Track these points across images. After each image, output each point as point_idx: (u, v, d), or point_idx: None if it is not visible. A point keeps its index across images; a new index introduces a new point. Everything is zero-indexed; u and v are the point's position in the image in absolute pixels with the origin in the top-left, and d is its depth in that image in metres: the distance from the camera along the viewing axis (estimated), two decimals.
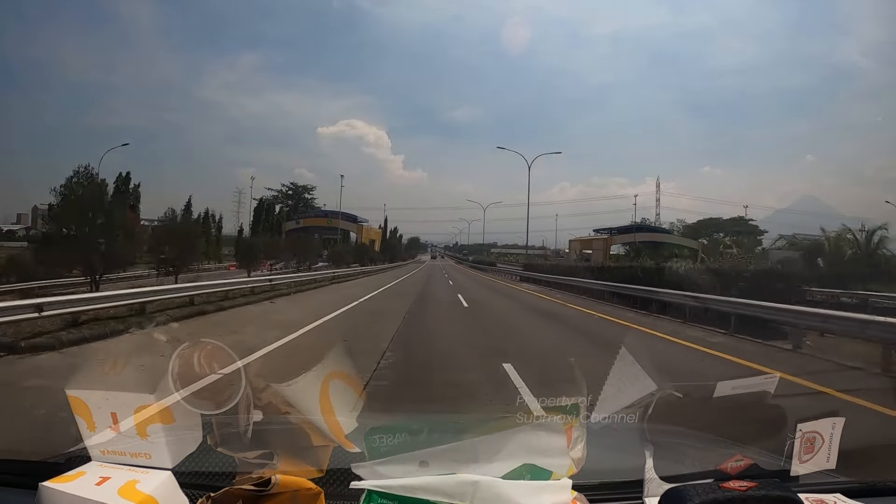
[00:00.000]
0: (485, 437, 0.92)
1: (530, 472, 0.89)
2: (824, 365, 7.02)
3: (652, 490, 0.95)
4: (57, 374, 5.05)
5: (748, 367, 6.55)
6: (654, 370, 1.09)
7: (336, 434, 0.99)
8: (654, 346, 8.17)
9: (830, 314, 8.57)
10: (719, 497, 0.82)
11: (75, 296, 8.99)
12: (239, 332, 8.23)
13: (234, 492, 0.85)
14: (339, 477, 0.95)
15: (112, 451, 1.00)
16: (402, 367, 6.01)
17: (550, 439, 0.92)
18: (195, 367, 1.06)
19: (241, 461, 0.96)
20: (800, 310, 9.13)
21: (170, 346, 1.06)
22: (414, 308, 13.09)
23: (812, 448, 1.06)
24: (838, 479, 1.07)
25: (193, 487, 0.95)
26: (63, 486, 0.87)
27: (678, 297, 12.40)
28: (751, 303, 9.87)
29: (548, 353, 7.26)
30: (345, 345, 1.20)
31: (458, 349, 7.50)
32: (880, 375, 6.50)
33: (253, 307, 12.66)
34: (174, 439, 1.01)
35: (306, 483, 0.88)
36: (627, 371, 1.11)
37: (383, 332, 8.36)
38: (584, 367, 1.09)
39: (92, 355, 6.30)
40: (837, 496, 0.98)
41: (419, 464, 0.89)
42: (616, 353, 1.13)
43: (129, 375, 1.12)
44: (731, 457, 1.03)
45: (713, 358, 7.31)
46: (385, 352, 6.67)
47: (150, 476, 0.94)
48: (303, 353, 6.53)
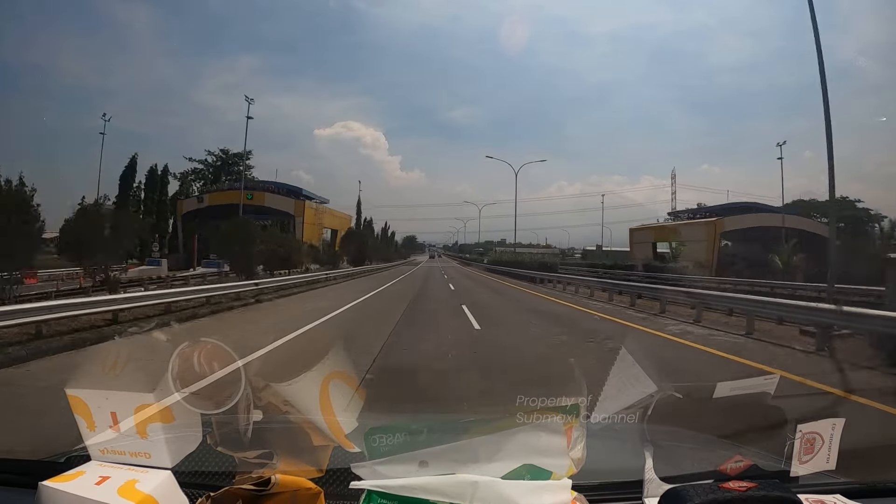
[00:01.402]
0: (485, 437, 0.92)
1: (530, 472, 0.89)
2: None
3: (652, 490, 0.95)
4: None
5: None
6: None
7: (336, 434, 0.99)
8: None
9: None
10: (719, 498, 0.82)
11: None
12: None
13: (233, 491, 0.85)
14: (338, 477, 0.95)
15: (112, 451, 1.00)
16: None
17: (550, 439, 0.92)
18: (195, 366, 1.06)
19: (240, 461, 0.96)
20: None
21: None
22: None
23: (812, 449, 1.06)
24: (838, 479, 1.07)
25: (193, 487, 0.95)
26: (63, 486, 0.88)
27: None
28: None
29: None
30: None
31: None
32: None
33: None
34: (174, 439, 1.01)
35: (306, 483, 0.88)
36: (627, 372, 1.11)
37: None
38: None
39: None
40: (837, 497, 0.98)
41: (419, 464, 0.89)
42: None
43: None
44: (730, 457, 1.03)
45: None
46: None
47: (149, 476, 0.94)
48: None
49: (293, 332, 8.55)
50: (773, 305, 10.17)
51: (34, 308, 7.82)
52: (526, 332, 9.70)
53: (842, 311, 7.92)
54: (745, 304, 10.51)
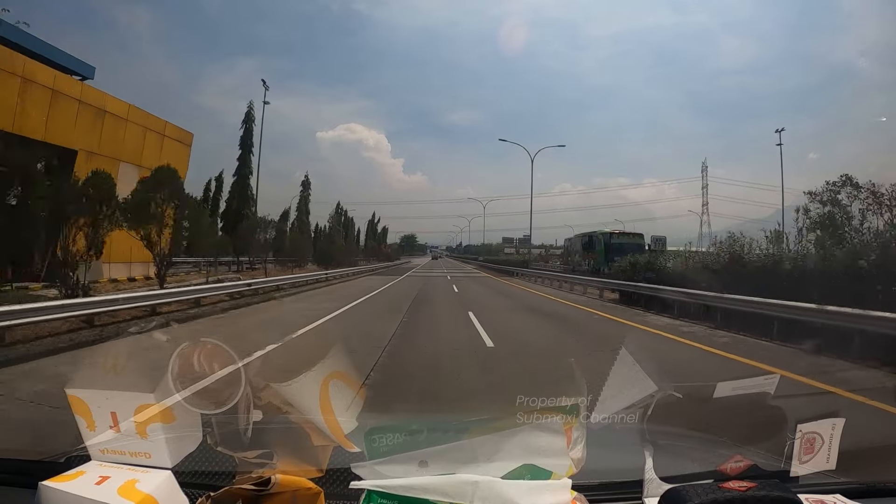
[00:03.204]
0: (485, 437, 0.92)
1: (530, 472, 0.89)
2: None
3: (651, 490, 0.95)
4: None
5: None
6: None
7: (336, 434, 0.99)
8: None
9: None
10: (719, 497, 0.82)
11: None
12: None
13: (233, 491, 0.85)
14: (338, 477, 0.94)
15: (112, 451, 1.00)
16: None
17: (550, 439, 0.92)
18: (195, 366, 1.06)
19: (240, 461, 0.96)
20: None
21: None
22: None
23: (812, 449, 1.06)
24: (838, 479, 1.07)
25: (193, 487, 0.95)
26: (63, 486, 0.88)
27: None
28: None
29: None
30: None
31: None
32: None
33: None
34: (174, 439, 1.01)
35: (306, 483, 0.88)
36: (627, 372, 1.11)
37: None
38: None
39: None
40: (837, 497, 0.98)
41: (419, 464, 0.89)
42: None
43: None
44: (730, 457, 1.03)
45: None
46: None
47: (149, 475, 0.94)
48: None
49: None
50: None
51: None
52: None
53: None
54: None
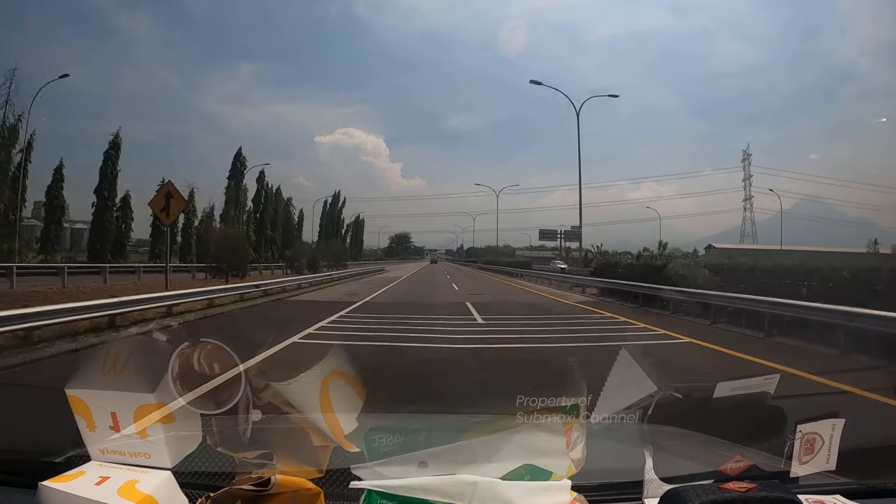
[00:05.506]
0: (484, 437, 0.92)
1: (530, 472, 0.89)
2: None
3: (651, 491, 0.95)
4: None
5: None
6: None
7: (336, 434, 0.99)
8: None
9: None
10: (719, 498, 0.82)
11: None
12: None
13: (233, 492, 0.85)
14: (338, 477, 0.94)
15: (112, 451, 1.00)
16: None
17: (550, 439, 0.92)
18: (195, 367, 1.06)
19: (240, 461, 0.96)
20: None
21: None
22: None
23: (812, 449, 1.06)
24: (838, 480, 1.07)
25: (193, 487, 0.95)
26: (63, 486, 0.87)
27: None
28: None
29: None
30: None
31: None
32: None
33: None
34: (174, 439, 1.01)
35: (306, 483, 0.88)
36: (627, 372, 1.11)
37: None
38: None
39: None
40: (837, 497, 0.98)
41: (419, 464, 0.89)
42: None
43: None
44: (730, 458, 1.03)
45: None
46: None
47: (149, 476, 0.93)
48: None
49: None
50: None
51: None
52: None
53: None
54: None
